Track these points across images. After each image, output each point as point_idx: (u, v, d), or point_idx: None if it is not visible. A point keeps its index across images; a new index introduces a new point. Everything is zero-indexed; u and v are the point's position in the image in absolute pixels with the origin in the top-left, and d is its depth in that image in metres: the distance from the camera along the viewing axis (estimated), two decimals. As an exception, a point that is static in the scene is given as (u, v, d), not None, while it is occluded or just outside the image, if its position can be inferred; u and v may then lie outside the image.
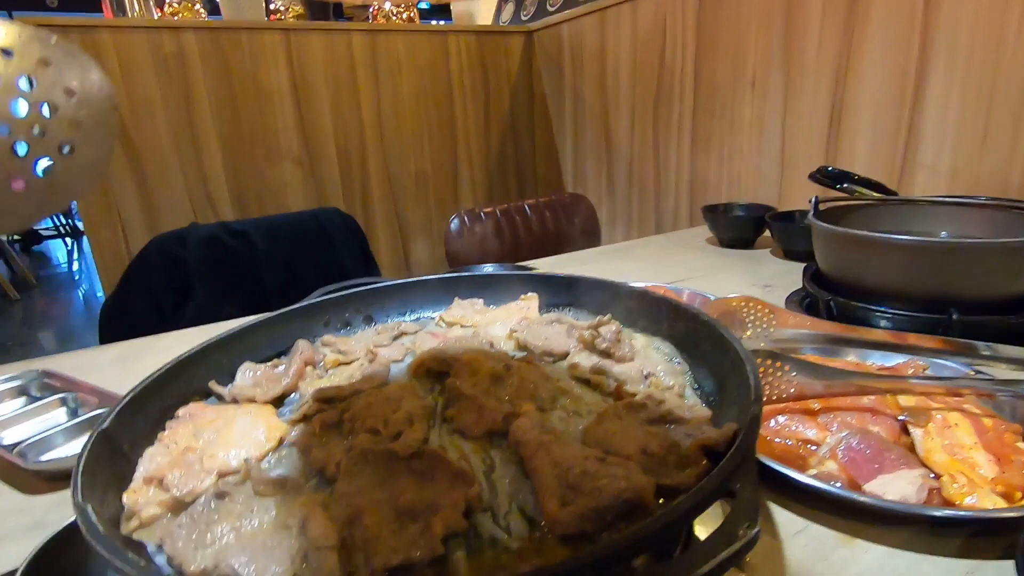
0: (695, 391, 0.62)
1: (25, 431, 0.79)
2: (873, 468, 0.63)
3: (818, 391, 0.72)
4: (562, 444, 0.48)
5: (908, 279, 0.91)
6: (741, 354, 0.56)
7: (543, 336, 0.72)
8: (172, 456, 0.52)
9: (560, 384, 0.61)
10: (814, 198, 1.13)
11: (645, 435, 0.51)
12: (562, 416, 0.55)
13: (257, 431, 0.55)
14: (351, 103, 2.86)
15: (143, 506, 0.47)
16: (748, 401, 0.48)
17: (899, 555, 0.53)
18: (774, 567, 0.53)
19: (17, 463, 0.68)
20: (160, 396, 0.60)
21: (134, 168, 2.39)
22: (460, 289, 0.90)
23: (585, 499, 0.42)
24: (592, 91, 2.88)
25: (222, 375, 0.69)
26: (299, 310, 0.80)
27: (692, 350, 0.67)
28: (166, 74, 2.40)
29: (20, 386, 0.91)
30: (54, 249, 7.45)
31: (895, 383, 0.71)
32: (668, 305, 0.73)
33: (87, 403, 0.85)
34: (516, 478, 0.48)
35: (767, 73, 1.99)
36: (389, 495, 0.45)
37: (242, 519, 0.45)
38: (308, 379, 0.68)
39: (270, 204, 2.72)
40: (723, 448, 0.46)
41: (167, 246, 1.92)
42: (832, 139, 1.83)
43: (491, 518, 0.44)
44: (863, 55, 1.69)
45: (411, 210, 3.11)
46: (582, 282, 0.85)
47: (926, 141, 1.58)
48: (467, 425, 0.54)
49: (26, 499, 0.68)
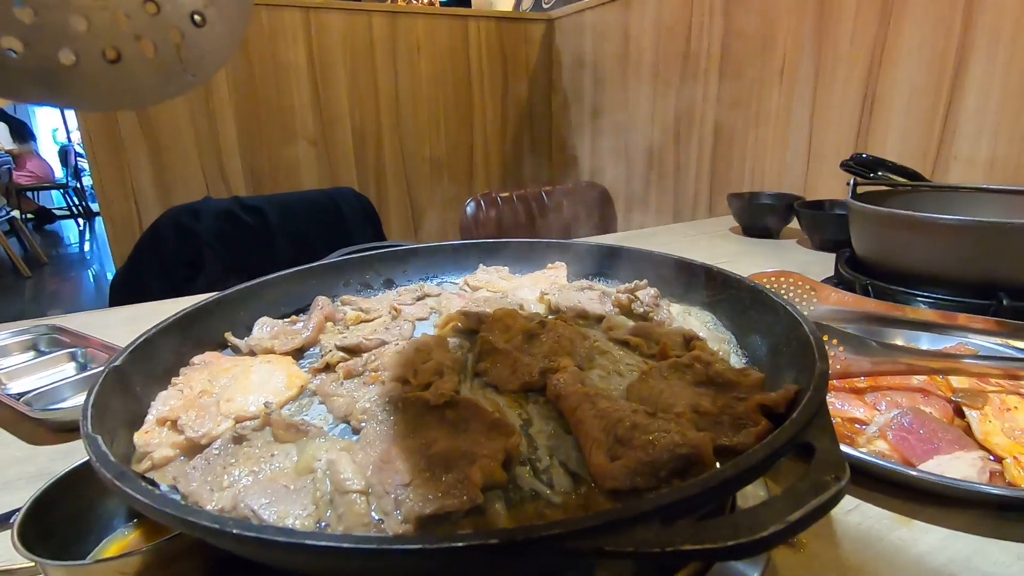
0: (740, 357, 0.58)
1: (32, 383, 0.76)
2: (928, 448, 0.58)
3: (865, 368, 0.68)
4: (607, 399, 0.45)
5: (955, 262, 0.87)
6: (796, 315, 0.52)
7: (575, 300, 0.68)
8: (186, 399, 0.48)
9: (597, 344, 0.57)
10: (852, 180, 1.09)
11: (695, 395, 0.47)
12: (601, 375, 0.52)
13: (276, 379, 0.52)
14: (368, 84, 2.82)
15: (156, 447, 0.43)
16: (812, 359, 0.44)
17: (963, 537, 0.49)
18: (827, 545, 0.49)
19: (23, 411, 0.66)
20: (174, 342, 0.57)
21: (149, 140, 2.37)
22: (484, 255, 0.86)
23: (636, 453, 0.38)
24: (613, 80, 2.83)
25: (238, 329, 0.66)
26: (319, 268, 0.77)
27: (736, 317, 0.63)
28: (184, 47, 2.37)
29: (30, 340, 0.88)
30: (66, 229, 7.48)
31: (947, 362, 0.67)
32: (709, 273, 0.69)
33: (96, 359, 0.82)
34: (556, 433, 0.44)
35: (797, 61, 1.94)
36: (420, 443, 0.41)
37: (261, 463, 0.42)
38: (328, 334, 0.65)
39: (283, 182, 2.69)
40: (783, 409, 0.43)
41: (181, 218, 1.90)
42: (862, 130, 1.77)
43: (530, 472, 0.41)
44: (900, 41, 1.63)
45: (425, 194, 3.08)
46: (614, 250, 0.81)
47: (963, 131, 1.52)
48: (501, 379, 0.50)
49: (31, 449, 0.65)
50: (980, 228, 0.84)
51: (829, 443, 0.33)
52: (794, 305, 0.54)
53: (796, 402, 0.42)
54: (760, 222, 1.60)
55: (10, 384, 0.75)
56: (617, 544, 0.26)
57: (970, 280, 0.87)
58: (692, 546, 0.26)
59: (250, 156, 2.59)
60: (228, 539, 0.28)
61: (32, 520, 0.43)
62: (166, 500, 0.30)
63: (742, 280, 0.64)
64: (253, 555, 0.30)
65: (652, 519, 0.27)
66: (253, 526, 0.27)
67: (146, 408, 0.48)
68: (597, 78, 2.95)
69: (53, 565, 0.39)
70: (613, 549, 0.26)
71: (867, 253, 1.02)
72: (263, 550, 0.28)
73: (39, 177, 6.69)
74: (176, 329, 0.57)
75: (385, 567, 0.27)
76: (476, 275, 0.80)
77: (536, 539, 0.26)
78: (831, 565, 0.47)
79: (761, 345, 0.57)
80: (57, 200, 7.57)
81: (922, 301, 0.91)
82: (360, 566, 0.28)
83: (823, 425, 0.35)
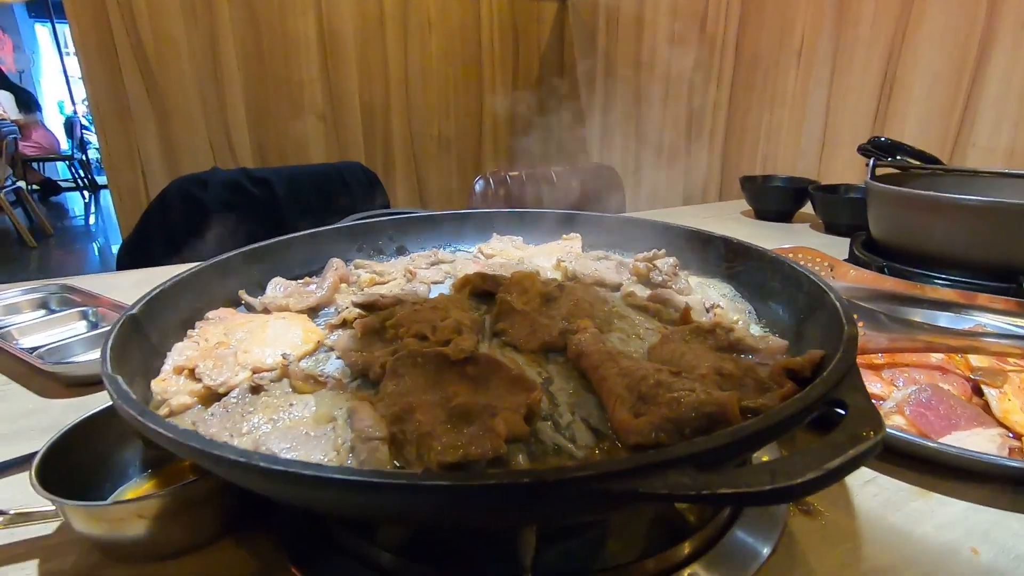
0: (760, 327, 0.57)
1: (44, 339, 0.76)
2: (946, 424, 0.58)
3: (883, 345, 0.67)
4: (629, 358, 0.44)
5: (976, 244, 0.86)
6: (822, 284, 0.51)
7: (592, 268, 0.67)
8: (203, 350, 0.48)
9: (616, 309, 0.56)
10: (871, 161, 1.07)
11: (717, 358, 0.46)
12: (621, 337, 0.51)
13: (292, 333, 0.52)
14: (378, 60, 2.79)
15: (173, 394, 0.43)
16: (839, 325, 0.43)
17: (982, 510, 0.49)
18: (844, 514, 0.49)
19: (36, 364, 0.65)
20: (189, 296, 0.56)
21: (157, 110, 2.35)
22: (498, 224, 0.85)
23: (661, 409, 0.37)
24: (626, 61, 2.79)
25: (252, 288, 0.66)
26: (333, 231, 0.76)
27: (756, 288, 0.63)
28: (192, 16, 2.34)
29: (41, 298, 0.88)
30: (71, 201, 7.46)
31: (967, 341, 0.66)
32: (728, 244, 0.68)
33: (107, 318, 0.82)
34: (577, 391, 0.44)
35: (815, 44, 1.90)
36: (441, 397, 0.41)
37: (279, 412, 0.41)
38: (342, 295, 0.64)
39: (291, 156, 2.67)
40: (809, 373, 0.42)
41: (188, 188, 1.89)
42: (880, 116, 1.75)
43: (552, 427, 0.40)
44: (922, 25, 1.60)
45: (432, 172, 3.06)
46: (631, 222, 0.80)
47: (983, 119, 1.50)
48: (520, 339, 0.49)
49: (44, 402, 0.65)
50: (1004, 210, 0.83)
51: (863, 400, 0.33)
52: (818, 275, 0.53)
53: (822, 367, 0.42)
54: (773, 206, 1.58)
55: (22, 339, 0.75)
56: (651, 487, 0.26)
57: (990, 263, 0.86)
58: (729, 490, 0.25)
59: (257, 129, 2.57)
60: (254, 473, 0.27)
61: (49, 465, 0.43)
62: (191, 434, 0.29)
63: (764, 251, 0.63)
64: (276, 492, 0.30)
65: (686, 464, 0.27)
66: (281, 460, 0.27)
67: (162, 358, 0.48)
68: (609, 59, 2.91)
69: (72, 505, 0.39)
70: (647, 491, 0.26)
71: (884, 235, 1.01)
72: (290, 485, 0.28)
73: (45, 148, 6.66)
74: (191, 283, 0.57)
75: (415, 504, 0.27)
76: (490, 243, 0.79)
77: (570, 479, 0.25)
78: (847, 533, 0.47)
79: (783, 315, 0.56)
80: (62, 172, 7.54)
81: (939, 283, 0.90)
82: (389, 503, 0.27)
83: (855, 384, 0.35)
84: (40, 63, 7.89)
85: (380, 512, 0.30)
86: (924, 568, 0.43)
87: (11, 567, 0.42)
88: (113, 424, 0.48)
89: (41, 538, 0.44)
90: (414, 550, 0.43)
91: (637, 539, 0.46)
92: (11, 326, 0.77)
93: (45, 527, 0.45)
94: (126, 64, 2.25)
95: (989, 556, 0.44)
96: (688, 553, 0.43)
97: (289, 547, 0.43)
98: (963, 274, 0.89)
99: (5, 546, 0.43)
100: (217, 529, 0.44)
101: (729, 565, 0.43)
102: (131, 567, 0.42)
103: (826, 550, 0.44)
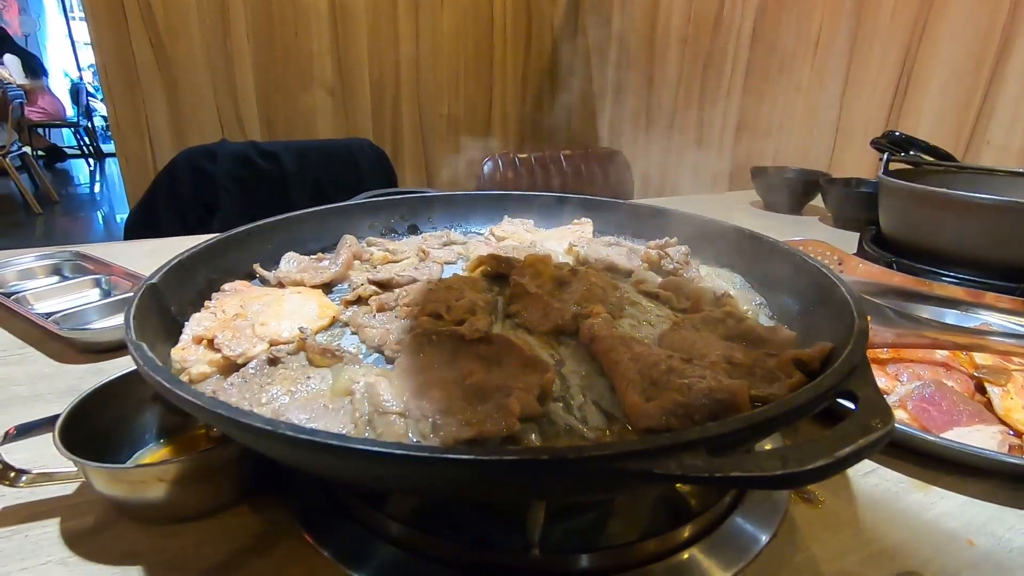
0: (769, 318, 0.58)
1: (58, 305, 0.76)
2: (947, 420, 0.59)
3: (888, 340, 0.68)
4: (641, 344, 0.45)
5: (988, 243, 0.86)
6: (833, 278, 0.51)
7: (603, 253, 0.68)
8: (221, 321, 0.49)
9: (627, 295, 0.57)
10: (885, 155, 1.07)
11: (727, 347, 0.47)
12: (632, 323, 0.52)
13: (308, 308, 0.52)
14: (389, 36, 2.76)
15: (193, 363, 0.44)
16: (850, 318, 0.44)
17: (979, 504, 0.50)
18: (844, 504, 0.50)
19: (52, 330, 0.66)
20: (205, 268, 0.57)
21: (166, 80, 2.34)
22: (510, 207, 0.86)
23: (672, 394, 0.38)
24: (639, 45, 2.75)
25: (265, 262, 0.66)
26: (346, 207, 0.77)
27: (766, 279, 0.63)
28: (203, -16, 2.31)
29: (54, 264, 0.88)
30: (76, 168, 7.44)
31: (973, 338, 0.66)
32: (740, 234, 0.68)
33: (119, 286, 0.83)
34: (588, 374, 0.45)
35: (833, 34, 1.88)
36: (455, 375, 0.42)
37: (297, 384, 0.42)
38: (356, 271, 0.65)
39: (299, 130, 2.66)
40: (818, 365, 0.43)
41: (197, 159, 1.89)
42: (895, 110, 1.73)
43: (564, 408, 0.41)
44: (943, 20, 1.58)
45: (440, 151, 3.04)
46: (642, 208, 0.80)
47: (999, 117, 1.49)
48: (533, 321, 0.50)
49: (59, 366, 0.66)
50: (1019, 210, 0.83)
51: (873, 392, 0.33)
52: (829, 268, 0.54)
53: (831, 359, 0.43)
54: (783, 197, 1.57)
55: (37, 304, 0.76)
56: (666, 468, 0.27)
57: (1000, 262, 0.86)
58: (741, 473, 0.26)
59: (266, 100, 2.55)
60: (279, 442, 0.28)
61: (69, 428, 0.44)
62: (219, 402, 0.30)
63: (776, 243, 0.63)
64: (299, 461, 0.31)
65: (699, 447, 0.28)
66: (307, 429, 0.28)
67: (179, 327, 0.49)
68: (623, 42, 2.87)
69: (94, 467, 0.40)
70: (662, 472, 0.26)
71: (895, 231, 1.01)
72: (314, 454, 0.28)
73: (50, 114, 6.62)
74: (208, 255, 0.57)
75: (438, 477, 0.28)
76: (502, 225, 0.80)
77: (590, 457, 0.26)
78: (847, 521, 0.48)
79: (792, 306, 0.57)
80: (68, 139, 7.51)
81: (947, 280, 0.90)
82: (413, 475, 0.28)
83: (866, 377, 0.35)
84: (46, 27, 7.79)
85: (400, 483, 0.31)
86: (922, 556, 0.44)
87: (34, 524, 0.43)
88: (131, 391, 0.49)
89: (62, 498, 0.46)
90: (422, 520, 0.44)
91: (639, 520, 0.47)
92: (26, 291, 0.78)
93: (64, 487, 0.47)
94: (135, 31, 2.24)
95: (985, 547, 0.45)
96: (688, 536, 0.44)
97: (302, 514, 0.45)
98: (971, 272, 0.89)
99: (28, 504, 0.45)
100: (234, 495, 0.45)
101: (730, 549, 0.44)
102: (149, 527, 0.43)
103: (827, 536, 0.45)
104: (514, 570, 0.41)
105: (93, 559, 0.40)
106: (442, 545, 0.41)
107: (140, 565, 0.40)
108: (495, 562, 0.41)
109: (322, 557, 0.41)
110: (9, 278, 0.84)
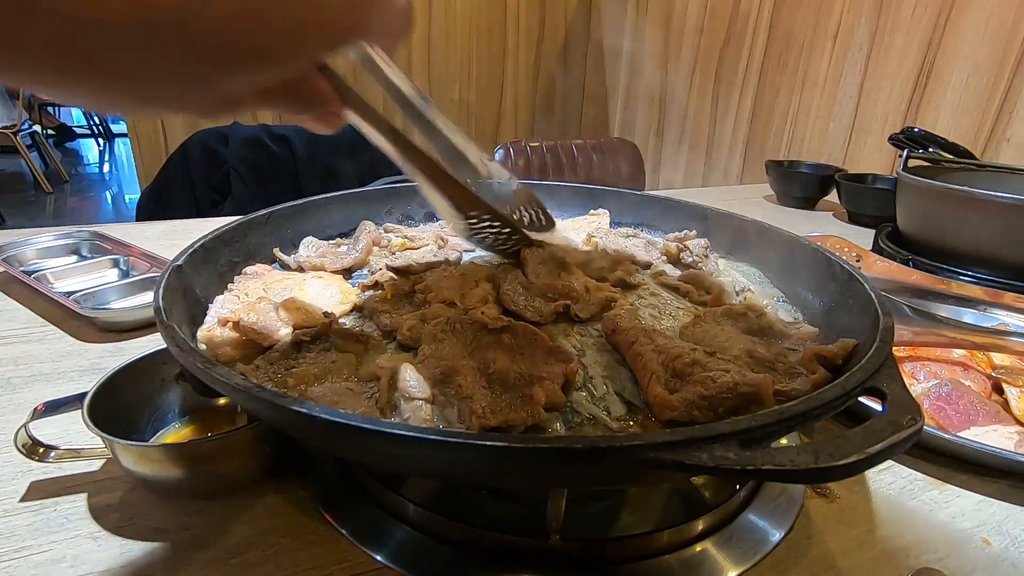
0: (787, 313, 0.58)
1: (77, 284, 0.77)
2: (964, 419, 0.59)
3: (906, 338, 0.68)
4: (664, 336, 0.45)
5: (1008, 243, 0.85)
6: (856, 275, 0.51)
7: (622, 245, 0.68)
8: (245, 304, 0.49)
9: (648, 287, 0.57)
10: (905, 151, 1.05)
11: (748, 341, 0.47)
12: (653, 315, 0.52)
13: (330, 293, 0.53)
14: (402, 19, 2.73)
15: (219, 345, 0.44)
16: (875, 315, 0.44)
17: (996, 504, 0.50)
18: (859, 499, 0.50)
19: (73, 309, 0.67)
20: (227, 251, 0.57)
21: (178, 60, 2.33)
22: (527, 196, 0.85)
23: (696, 387, 0.38)
24: (654, 34, 2.72)
25: (285, 246, 0.66)
26: (364, 193, 0.77)
27: (785, 274, 0.63)
28: (217, -36, 2.29)
29: (72, 244, 0.89)
30: (85, 148, 7.45)
31: (992, 338, 0.66)
32: (759, 228, 0.68)
33: (137, 267, 0.84)
34: (610, 364, 0.45)
35: (853, 27, 1.85)
36: (479, 363, 0.42)
37: (322, 367, 0.42)
38: (374, 257, 0.65)
39: (311, 115, 2.65)
40: (840, 362, 0.43)
41: (209, 142, 1.89)
42: (913, 105, 1.71)
43: (588, 398, 0.41)
44: (966, 14, 1.55)
45: (451, 139, 3.02)
46: (657, 200, 0.80)
47: (1020, 113, 1.46)
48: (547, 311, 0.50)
49: (80, 345, 0.67)
50: (1039, 209, 0.82)
51: (901, 390, 0.33)
52: (851, 264, 0.54)
53: (854, 356, 0.43)
54: (797, 192, 1.56)
55: (56, 283, 0.77)
56: (698, 459, 0.27)
57: (1020, 262, 0.86)
58: (773, 466, 0.26)
59: (278, 84, 2.54)
60: (315, 426, 0.28)
61: (96, 406, 0.44)
62: (261, 388, 0.31)
63: (797, 238, 0.63)
64: (330, 445, 0.31)
65: (731, 440, 0.28)
66: (342, 413, 0.28)
67: (203, 309, 0.49)
68: (637, 30, 2.84)
69: (122, 444, 0.41)
70: (694, 463, 0.27)
71: (912, 228, 1.00)
72: (347, 439, 0.29)
73: (60, 93, 6.61)
74: (230, 238, 0.58)
75: (469, 462, 0.28)
76: (519, 214, 0.79)
77: (621, 447, 0.26)
78: (863, 517, 0.48)
79: (812, 301, 0.56)
80: (78, 118, 7.51)
81: (965, 279, 0.89)
82: (439, 459, 0.29)
83: (893, 374, 0.35)
84: (57, 5, 7.75)
85: (427, 467, 0.31)
86: (937, 553, 0.44)
87: (63, 498, 0.44)
88: (155, 370, 0.50)
89: (88, 474, 0.46)
90: (440, 503, 0.44)
91: (654, 512, 0.47)
92: (46, 269, 0.79)
93: (91, 464, 0.47)
94: (149, 11, 2.22)
95: (1000, 547, 0.45)
96: (702, 529, 0.45)
97: (322, 494, 0.45)
98: (990, 272, 0.88)
99: (57, 478, 0.46)
100: (257, 475, 0.46)
101: (745, 542, 0.44)
102: (174, 504, 0.44)
103: (842, 531, 0.46)
104: (532, 555, 0.41)
105: (121, 534, 0.41)
106: (460, 528, 0.42)
107: (167, 541, 0.41)
108: (513, 547, 0.41)
109: (343, 537, 0.42)
110: (29, 256, 0.84)
